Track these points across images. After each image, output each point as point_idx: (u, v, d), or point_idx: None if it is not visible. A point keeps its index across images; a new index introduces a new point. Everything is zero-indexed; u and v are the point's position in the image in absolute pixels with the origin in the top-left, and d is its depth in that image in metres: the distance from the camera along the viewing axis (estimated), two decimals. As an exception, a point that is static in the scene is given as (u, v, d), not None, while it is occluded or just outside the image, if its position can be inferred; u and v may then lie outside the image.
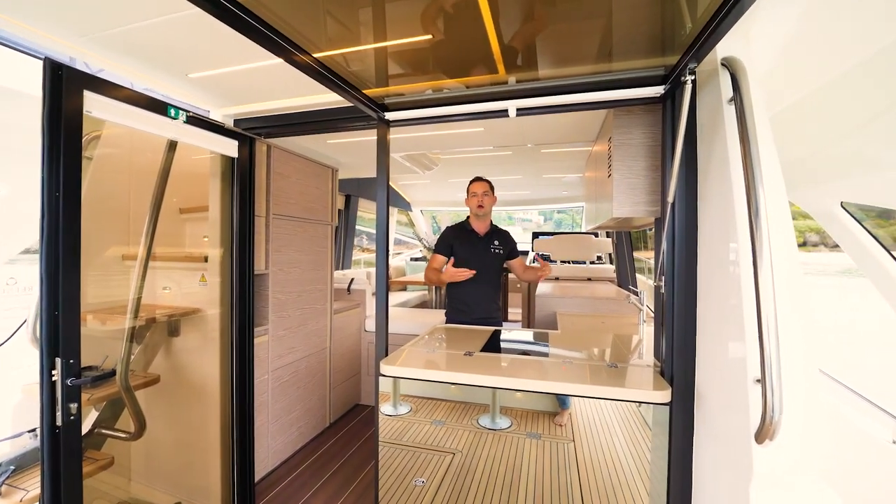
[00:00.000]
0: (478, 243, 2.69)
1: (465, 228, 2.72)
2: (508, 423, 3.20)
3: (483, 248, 2.69)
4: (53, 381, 1.31)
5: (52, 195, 1.32)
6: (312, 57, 1.40)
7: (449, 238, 2.71)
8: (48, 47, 1.63)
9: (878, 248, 1.91)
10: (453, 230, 2.76)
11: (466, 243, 2.69)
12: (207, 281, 2.16)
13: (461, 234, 2.71)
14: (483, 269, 2.67)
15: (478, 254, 2.68)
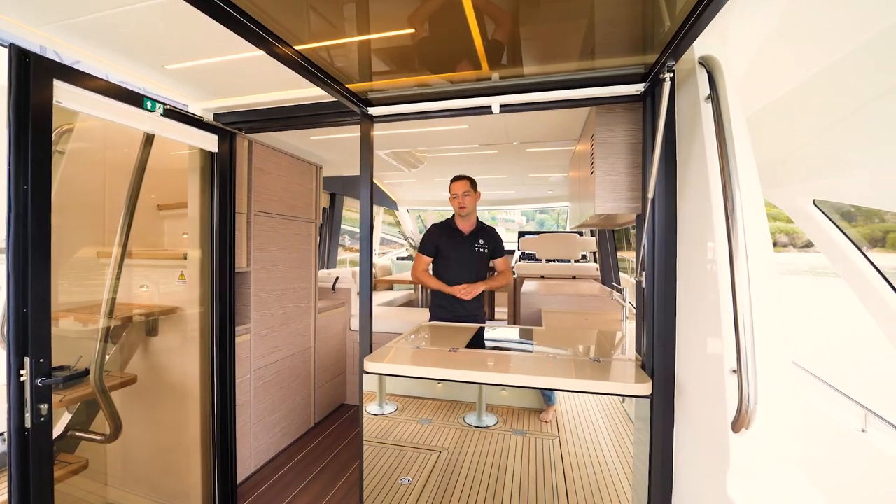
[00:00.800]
0: (462, 242, 2.68)
1: (450, 227, 2.71)
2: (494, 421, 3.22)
3: (468, 247, 2.68)
4: (22, 382, 1.26)
5: (20, 188, 1.27)
6: (294, 49, 1.37)
7: (434, 237, 2.69)
8: (16, 35, 1.57)
9: (849, 246, 1.97)
10: (438, 228, 2.74)
11: (451, 242, 2.68)
12: (186, 279, 2.11)
13: (446, 233, 2.69)
14: (467, 268, 2.67)
15: (462, 253, 2.67)
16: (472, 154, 3.52)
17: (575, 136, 2.71)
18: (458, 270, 2.69)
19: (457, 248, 2.68)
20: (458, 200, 2.62)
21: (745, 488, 1.11)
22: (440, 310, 2.71)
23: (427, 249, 2.71)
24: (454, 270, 2.69)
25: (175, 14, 1.37)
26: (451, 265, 2.69)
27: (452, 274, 2.69)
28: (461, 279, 2.65)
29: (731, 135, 1.17)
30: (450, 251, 2.67)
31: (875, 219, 2.10)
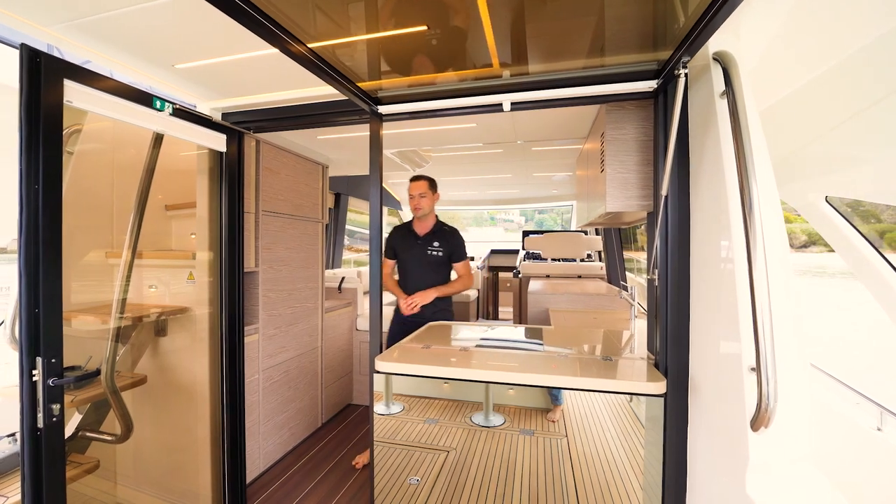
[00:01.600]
0: (415, 245, 2.59)
1: (408, 229, 2.64)
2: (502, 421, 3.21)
3: (420, 250, 2.58)
4: (34, 382, 1.26)
5: (31, 188, 1.27)
6: (307, 47, 1.37)
7: (393, 239, 2.65)
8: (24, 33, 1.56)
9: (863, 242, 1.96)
10: (398, 231, 2.68)
11: (405, 244, 2.61)
12: (195, 279, 2.11)
13: (403, 235, 2.64)
14: (420, 272, 2.58)
15: (415, 256, 2.59)
16: (477, 153, 3.51)
17: (582, 135, 2.70)
18: (413, 275, 2.60)
19: (410, 250, 2.60)
20: (415, 202, 2.53)
21: (763, 487, 1.10)
22: (396, 314, 2.63)
23: (387, 252, 2.65)
24: (409, 275, 2.61)
25: (186, 12, 1.36)
26: (406, 269, 2.63)
27: (408, 279, 2.61)
28: (416, 284, 2.56)
29: (748, 130, 1.15)
30: (404, 254, 2.61)
31: (871, 219, 2.09)
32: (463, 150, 3.44)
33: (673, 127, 1.37)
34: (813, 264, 2.13)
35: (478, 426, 3.15)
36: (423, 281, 2.56)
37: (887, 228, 1.99)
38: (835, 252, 2.06)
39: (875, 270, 1.85)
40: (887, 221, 2.01)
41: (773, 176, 1.25)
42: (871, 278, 1.87)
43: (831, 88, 1.66)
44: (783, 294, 1.13)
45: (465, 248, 2.71)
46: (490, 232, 12.77)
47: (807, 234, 3.30)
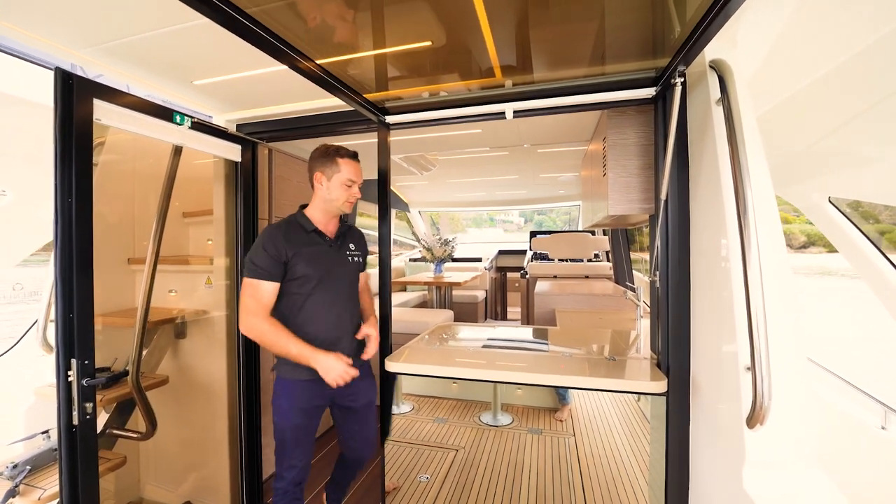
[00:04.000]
0: (329, 250, 1.68)
1: (305, 228, 1.65)
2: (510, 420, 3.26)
3: (337, 257, 1.70)
4: (69, 382, 1.35)
5: (65, 201, 1.36)
6: (315, 63, 1.44)
7: (280, 247, 1.57)
8: (56, 56, 1.67)
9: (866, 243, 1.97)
10: (284, 233, 1.61)
11: (311, 251, 1.63)
12: (213, 283, 2.20)
13: (301, 238, 1.63)
14: (344, 296, 1.70)
15: (332, 266, 1.66)
16: (483, 156, 3.56)
17: (586, 137, 2.74)
18: (333, 301, 1.64)
19: (322, 259, 1.64)
20: (353, 190, 1.68)
21: (762, 484, 1.13)
22: (295, 371, 1.60)
23: (272, 271, 1.55)
24: (325, 303, 1.62)
25: (205, 35, 1.45)
26: (317, 294, 1.61)
27: (324, 310, 1.62)
28: (339, 318, 1.66)
29: (743, 136, 1.19)
30: (312, 265, 1.60)
31: (870, 220, 2.10)
32: (469, 154, 3.49)
33: (671, 134, 1.41)
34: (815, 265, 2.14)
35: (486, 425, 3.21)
36: (347, 310, 1.70)
37: (887, 229, 2.00)
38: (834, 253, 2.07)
39: (878, 270, 1.86)
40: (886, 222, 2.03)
41: (770, 179, 1.28)
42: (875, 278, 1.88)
43: (833, 90, 1.69)
44: (779, 293, 1.17)
45: None
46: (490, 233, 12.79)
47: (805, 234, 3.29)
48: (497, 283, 6.57)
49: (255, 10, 1.13)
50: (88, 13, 1.36)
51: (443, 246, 4.81)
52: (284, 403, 1.64)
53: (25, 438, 1.74)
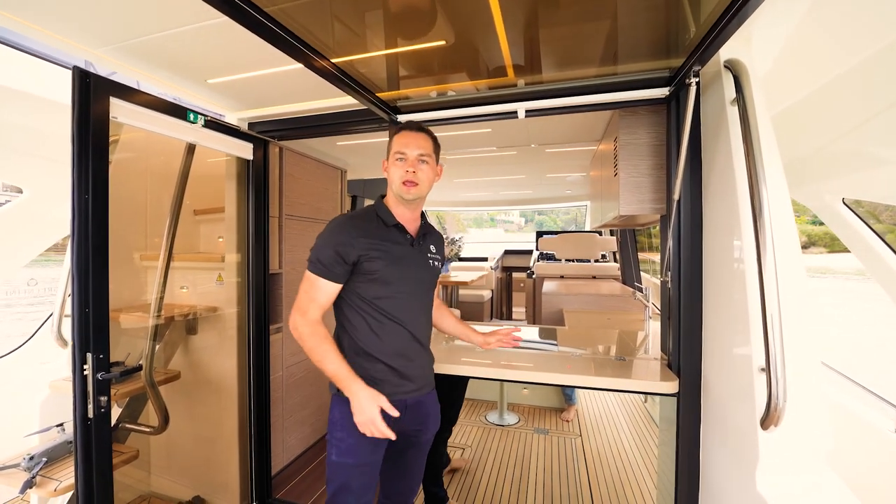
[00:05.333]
0: (412, 251, 1.39)
1: (386, 221, 1.37)
2: (516, 420, 3.27)
3: (419, 260, 1.41)
4: (85, 376, 1.37)
5: (82, 198, 1.38)
6: (330, 62, 1.45)
7: (352, 241, 1.29)
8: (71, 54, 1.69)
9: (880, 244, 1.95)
10: (359, 225, 1.34)
11: (394, 249, 1.35)
12: (224, 280, 2.22)
13: (381, 233, 1.35)
14: (422, 299, 1.43)
15: (415, 271, 1.39)
16: (491, 155, 3.56)
17: (596, 137, 2.73)
18: (411, 316, 1.38)
19: (406, 263, 1.37)
20: (408, 163, 1.33)
21: (776, 486, 1.13)
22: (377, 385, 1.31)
23: (335, 269, 1.30)
24: (403, 316, 1.36)
25: (221, 34, 1.46)
26: (395, 303, 1.35)
27: (399, 325, 1.35)
28: (416, 334, 1.39)
29: (758, 136, 1.19)
30: (394, 271, 1.33)
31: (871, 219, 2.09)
32: (477, 153, 3.49)
33: (685, 134, 1.41)
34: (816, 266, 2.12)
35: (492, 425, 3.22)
36: (425, 325, 1.44)
37: (887, 230, 1.99)
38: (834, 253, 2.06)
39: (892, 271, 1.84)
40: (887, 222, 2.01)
41: (785, 179, 1.27)
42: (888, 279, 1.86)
43: (848, 91, 1.67)
44: (794, 294, 1.16)
45: None
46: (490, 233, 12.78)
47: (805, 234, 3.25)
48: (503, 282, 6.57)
49: (274, 9, 1.14)
50: (105, 12, 1.38)
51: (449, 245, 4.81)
52: (347, 436, 1.29)
53: (41, 431, 1.78)
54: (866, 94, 1.64)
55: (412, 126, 1.38)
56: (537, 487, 2.44)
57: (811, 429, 1.13)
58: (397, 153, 1.35)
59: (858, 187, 1.93)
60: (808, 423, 1.13)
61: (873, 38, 1.42)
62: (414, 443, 1.45)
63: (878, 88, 1.60)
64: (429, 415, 1.45)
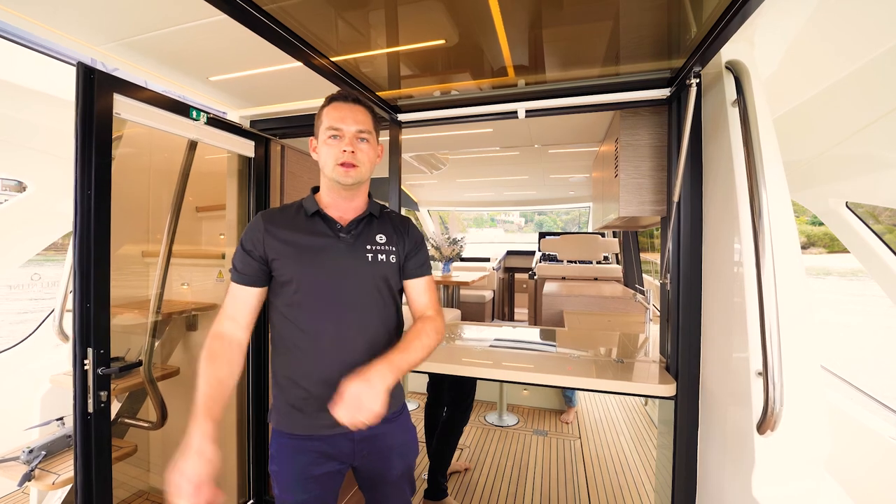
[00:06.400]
0: (336, 243, 1.14)
1: (307, 210, 1.17)
2: (515, 421, 3.27)
3: (348, 253, 1.14)
4: (85, 370, 1.38)
5: (85, 193, 1.39)
6: (330, 60, 1.46)
7: (258, 236, 1.11)
8: (75, 51, 1.70)
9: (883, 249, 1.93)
10: (271, 216, 1.16)
11: (305, 242, 1.12)
12: (224, 277, 2.23)
13: (294, 224, 1.14)
14: (349, 302, 1.12)
15: (336, 267, 1.12)
16: (494, 156, 3.56)
17: (598, 139, 2.72)
18: (331, 324, 1.11)
19: (323, 257, 1.12)
20: (347, 143, 1.10)
21: (772, 491, 1.12)
22: (291, 418, 1.13)
23: (245, 270, 1.11)
24: (320, 325, 1.11)
25: (223, 31, 1.47)
26: (309, 308, 1.11)
27: (314, 337, 1.11)
28: (342, 348, 1.11)
29: (759, 138, 1.18)
30: (304, 267, 1.11)
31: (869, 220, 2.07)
32: (479, 153, 3.49)
33: (685, 135, 1.40)
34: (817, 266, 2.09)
35: (491, 425, 3.22)
36: (362, 335, 1.13)
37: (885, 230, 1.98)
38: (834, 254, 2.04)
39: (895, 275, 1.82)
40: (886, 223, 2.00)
41: (786, 182, 1.26)
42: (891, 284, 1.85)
43: (853, 93, 1.66)
44: (793, 298, 1.15)
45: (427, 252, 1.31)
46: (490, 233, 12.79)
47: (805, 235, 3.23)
48: (505, 283, 6.57)
49: (273, 6, 1.14)
50: (110, 9, 1.39)
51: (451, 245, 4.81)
52: (282, 470, 1.12)
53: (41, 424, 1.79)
54: (871, 97, 1.63)
55: (347, 97, 1.13)
56: (535, 489, 2.43)
57: (809, 433, 1.12)
58: (331, 129, 1.10)
59: (863, 191, 1.92)
60: (806, 427, 1.12)
61: (878, 41, 1.41)
62: (382, 481, 1.20)
63: (883, 91, 1.58)
64: (391, 448, 1.18)
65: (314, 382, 1.10)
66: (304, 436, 1.12)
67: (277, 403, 1.15)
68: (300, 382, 1.11)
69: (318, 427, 1.10)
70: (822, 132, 1.91)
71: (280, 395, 1.14)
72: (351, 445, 1.14)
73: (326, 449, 1.12)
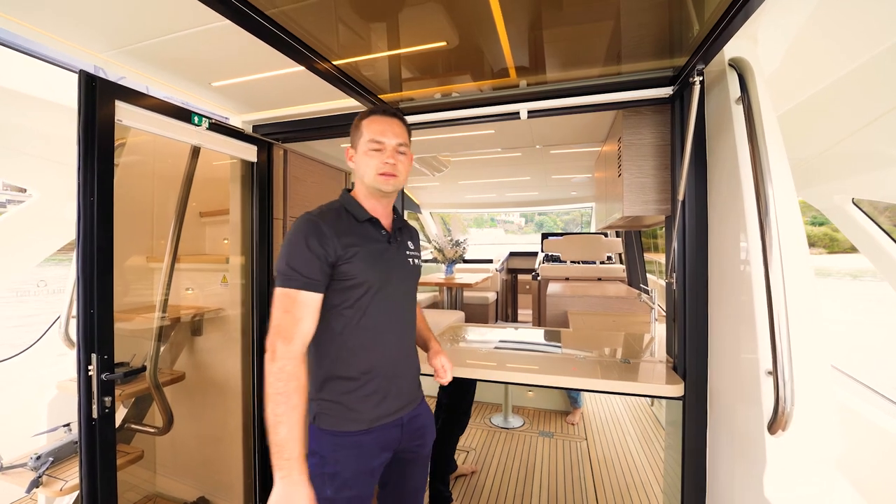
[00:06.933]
0: (389, 248, 1.24)
1: (357, 216, 1.22)
2: (521, 422, 3.25)
3: (398, 258, 1.26)
4: (90, 376, 1.38)
5: (87, 200, 1.40)
6: (332, 64, 1.46)
7: (327, 241, 1.12)
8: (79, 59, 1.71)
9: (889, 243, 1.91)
10: (331, 222, 1.16)
11: (371, 248, 1.19)
12: (228, 282, 2.24)
13: (355, 230, 1.19)
14: (404, 301, 1.27)
15: (394, 270, 1.24)
16: (496, 157, 3.56)
17: (600, 138, 2.71)
18: (395, 321, 1.24)
19: (385, 262, 1.21)
20: (388, 153, 1.19)
21: (784, 491, 1.11)
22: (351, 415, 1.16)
23: (315, 276, 1.11)
24: (387, 323, 1.21)
25: (225, 37, 1.47)
26: (376, 308, 1.18)
27: (384, 333, 1.20)
28: (401, 342, 1.26)
29: (763, 136, 1.17)
30: (374, 272, 1.18)
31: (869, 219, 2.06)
32: (481, 155, 3.49)
33: (689, 133, 1.39)
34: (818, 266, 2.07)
35: (497, 427, 3.20)
36: (409, 330, 1.30)
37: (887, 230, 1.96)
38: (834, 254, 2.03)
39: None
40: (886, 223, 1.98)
41: (792, 179, 1.25)
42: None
43: (857, 89, 1.64)
44: (801, 296, 1.14)
45: None
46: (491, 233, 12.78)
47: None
48: (508, 284, 6.55)
49: (275, 11, 1.14)
50: (112, 17, 1.40)
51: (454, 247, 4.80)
52: (342, 470, 1.13)
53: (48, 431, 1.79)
54: (875, 94, 1.62)
55: (387, 111, 1.23)
56: (542, 491, 2.42)
57: (820, 433, 1.11)
58: (373, 141, 1.18)
59: (868, 187, 1.90)
60: (817, 427, 1.11)
61: (881, 38, 1.39)
62: (414, 458, 1.33)
63: (886, 88, 1.57)
64: (425, 426, 1.32)
65: (377, 376, 1.18)
66: (361, 431, 1.16)
67: (330, 405, 1.17)
68: (361, 379, 1.17)
69: (378, 418, 1.18)
70: (825, 129, 1.90)
71: (334, 396, 1.16)
72: (398, 431, 1.23)
73: (382, 439, 1.19)
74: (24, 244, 2.42)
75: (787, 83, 1.66)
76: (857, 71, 1.54)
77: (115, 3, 1.31)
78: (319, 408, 1.17)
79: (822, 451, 1.11)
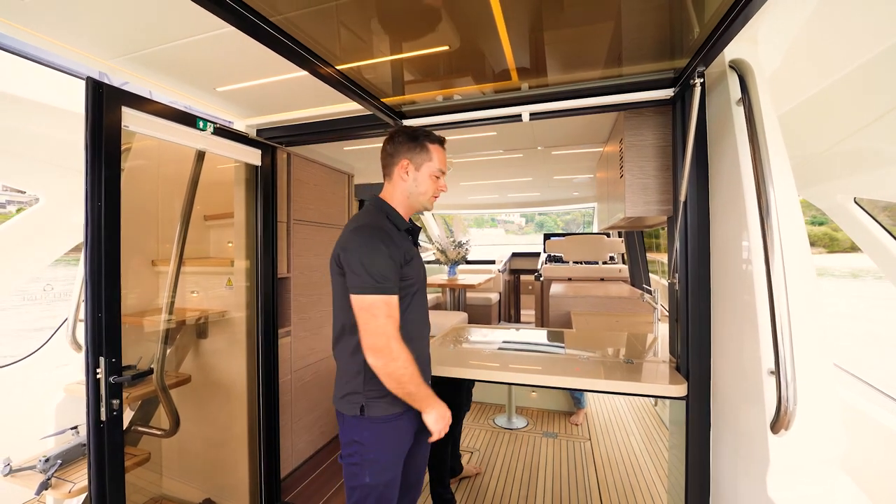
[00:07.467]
0: (417, 251, 1.45)
1: (398, 226, 1.40)
2: (524, 423, 3.25)
3: (420, 259, 1.46)
4: (98, 379, 1.40)
5: (95, 205, 1.41)
6: (335, 69, 1.47)
7: (397, 250, 1.30)
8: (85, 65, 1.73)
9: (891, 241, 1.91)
10: (387, 231, 1.33)
11: (410, 250, 1.39)
12: (233, 284, 2.25)
13: (398, 236, 1.37)
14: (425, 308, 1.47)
15: (423, 270, 1.46)
16: (498, 158, 3.57)
17: (602, 139, 2.72)
18: (425, 307, 1.47)
19: (419, 261, 1.42)
20: (442, 183, 1.44)
21: (787, 490, 1.11)
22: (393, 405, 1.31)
23: (395, 280, 1.28)
24: (424, 308, 1.45)
25: (228, 43, 1.49)
26: (417, 299, 1.40)
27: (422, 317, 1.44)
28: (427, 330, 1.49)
29: (764, 136, 1.18)
30: (416, 271, 1.39)
31: None
32: (483, 157, 3.50)
33: (690, 135, 1.40)
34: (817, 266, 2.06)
35: (501, 428, 3.20)
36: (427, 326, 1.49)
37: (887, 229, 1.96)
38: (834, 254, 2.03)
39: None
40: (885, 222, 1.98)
41: (793, 179, 1.26)
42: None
43: (858, 89, 1.65)
44: (803, 295, 1.15)
45: None
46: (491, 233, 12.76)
47: None
48: (511, 285, 6.56)
49: (279, 17, 1.16)
50: (118, 24, 1.42)
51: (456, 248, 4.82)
52: (382, 455, 1.30)
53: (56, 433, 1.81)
54: (876, 93, 1.62)
55: (444, 143, 1.45)
56: (546, 492, 2.42)
57: (823, 432, 1.11)
58: (440, 170, 1.41)
59: (870, 186, 1.90)
60: (820, 426, 1.11)
61: (882, 37, 1.40)
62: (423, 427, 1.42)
63: (887, 87, 1.57)
64: None
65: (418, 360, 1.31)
66: (401, 413, 1.32)
67: (376, 394, 1.30)
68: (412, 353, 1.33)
69: None
70: (827, 128, 1.90)
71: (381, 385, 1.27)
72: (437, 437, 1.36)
73: (415, 421, 1.36)
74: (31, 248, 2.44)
75: (788, 82, 1.66)
76: (857, 70, 1.54)
77: (123, 11, 1.33)
78: (367, 399, 1.30)
79: (826, 449, 1.11)
